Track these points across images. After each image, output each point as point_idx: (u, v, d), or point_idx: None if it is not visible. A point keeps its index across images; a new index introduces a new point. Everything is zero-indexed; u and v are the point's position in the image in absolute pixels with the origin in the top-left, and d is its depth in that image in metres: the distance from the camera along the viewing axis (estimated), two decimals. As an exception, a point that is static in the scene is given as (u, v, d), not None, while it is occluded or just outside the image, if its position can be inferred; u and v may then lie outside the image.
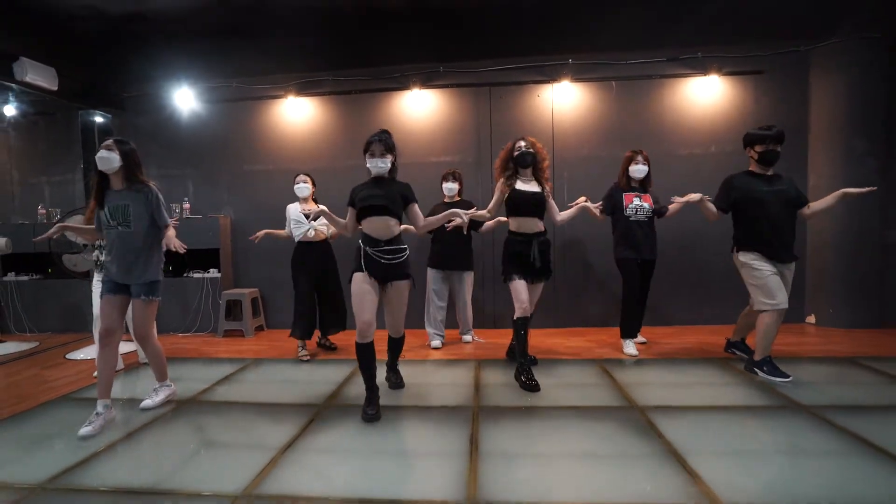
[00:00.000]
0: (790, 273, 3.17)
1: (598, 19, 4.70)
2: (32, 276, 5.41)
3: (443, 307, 4.25)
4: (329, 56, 4.99)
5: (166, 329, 4.96)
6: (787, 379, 3.05)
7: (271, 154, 5.23)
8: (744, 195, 3.17)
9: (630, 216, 3.71)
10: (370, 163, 2.76)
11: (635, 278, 3.75)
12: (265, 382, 3.46)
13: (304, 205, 4.02)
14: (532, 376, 3.10)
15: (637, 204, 3.72)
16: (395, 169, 2.84)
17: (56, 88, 4.63)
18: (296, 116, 5.16)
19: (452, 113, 4.99)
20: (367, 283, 2.70)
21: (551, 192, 3.38)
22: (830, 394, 2.87)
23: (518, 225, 3.28)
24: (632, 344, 3.85)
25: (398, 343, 3.09)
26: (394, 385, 3.17)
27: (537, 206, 3.25)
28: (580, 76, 4.82)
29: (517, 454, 2.24)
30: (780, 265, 3.13)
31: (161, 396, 2.99)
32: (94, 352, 4.20)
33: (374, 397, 2.75)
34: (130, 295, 2.79)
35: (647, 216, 3.74)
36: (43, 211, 5.44)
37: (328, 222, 2.95)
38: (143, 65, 5.16)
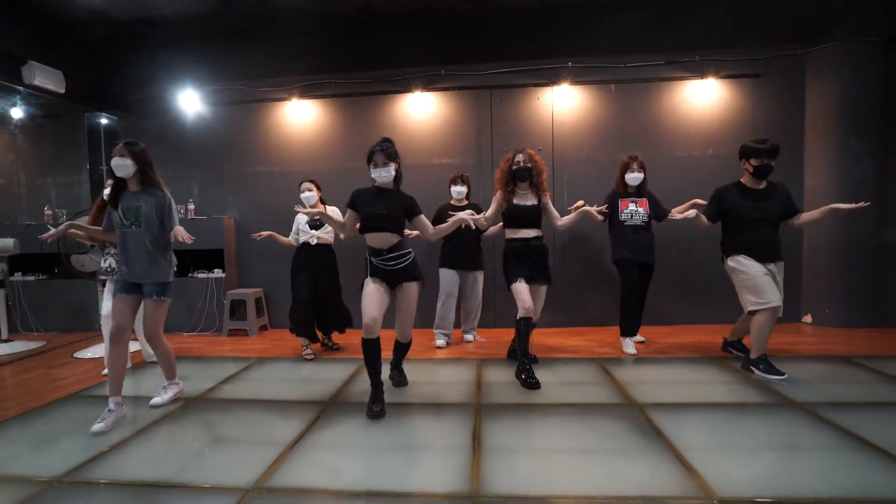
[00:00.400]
0: (780, 273, 3.25)
1: (597, 23, 4.78)
2: (39, 276, 5.47)
3: (453, 307, 4.30)
4: (332, 59, 5.06)
5: (171, 328, 5.03)
6: (783, 377, 3.12)
7: (275, 156, 5.29)
8: (730, 209, 3.28)
9: (625, 221, 3.79)
10: (374, 173, 2.78)
11: (634, 277, 3.81)
12: (270, 380, 3.53)
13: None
14: (532, 374, 3.17)
15: (632, 209, 3.79)
16: (400, 177, 2.87)
17: (63, 91, 4.71)
18: (299, 119, 5.22)
19: (454, 115, 5.06)
20: (377, 286, 2.79)
21: (551, 198, 3.46)
22: (824, 391, 2.94)
23: (514, 233, 3.41)
24: (631, 343, 3.92)
25: (405, 347, 3.14)
26: (397, 383, 3.24)
27: (533, 219, 3.37)
28: (579, 79, 4.89)
29: (519, 449, 2.31)
30: (769, 265, 3.22)
31: (170, 394, 3.06)
32: (102, 351, 4.27)
33: (379, 394, 2.82)
34: (142, 295, 2.86)
35: (643, 220, 3.80)
36: (49, 212, 5.50)
37: (327, 223, 3.02)
38: (149, 68, 5.23)
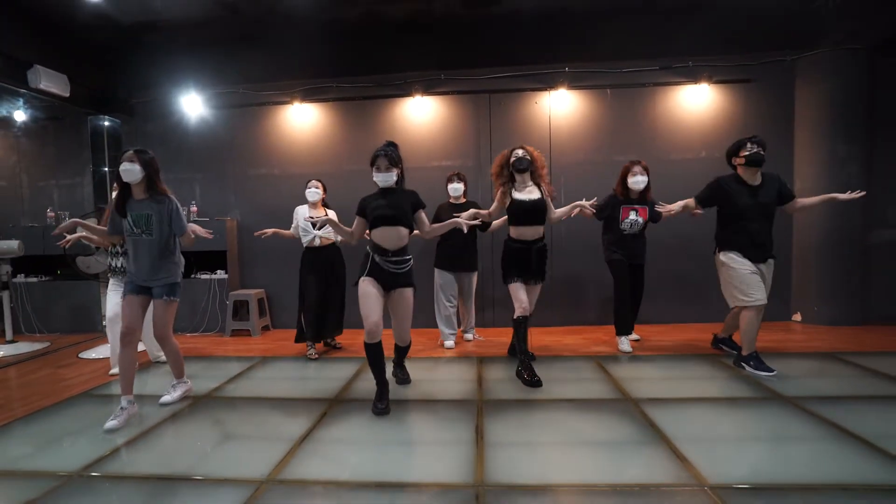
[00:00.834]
0: (769, 271, 3.37)
1: (594, 29, 4.90)
2: (42, 278, 5.52)
3: (453, 306, 4.36)
4: (334, 64, 5.15)
5: (175, 329, 5.06)
6: (772, 373, 3.24)
7: (277, 159, 5.37)
8: (727, 201, 3.33)
9: (625, 230, 3.86)
10: (376, 177, 2.88)
11: (626, 277, 3.93)
12: (275, 379, 3.62)
13: (313, 210, 4.15)
14: (534, 373, 3.27)
15: (633, 219, 3.84)
16: (402, 179, 2.98)
17: (68, 95, 4.76)
18: (301, 122, 5.31)
19: (453, 119, 5.16)
20: (373, 287, 2.85)
21: (551, 195, 3.49)
22: (812, 386, 3.07)
23: (519, 233, 3.41)
24: (626, 341, 4.03)
25: (405, 350, 3.24)
26: (400, 381, 3.34)
27: (538, 214, 3.37)
28: (576, 84, 5.01)
29: (520, 442, 2.42)
30: (760, 267, 3.32)
31: (179, 392, 3.14)
32: (107, 351, 4.33)
33: (384, 392, 2.91)
34: (151, 296, 2.94)
35: (640, 229, 3.91)
36: (52, 214, 5.56)
37: (333, 230, 3.11)
38: (153, 71, 5.30)
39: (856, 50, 4.56)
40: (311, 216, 4.05)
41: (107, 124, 5.49)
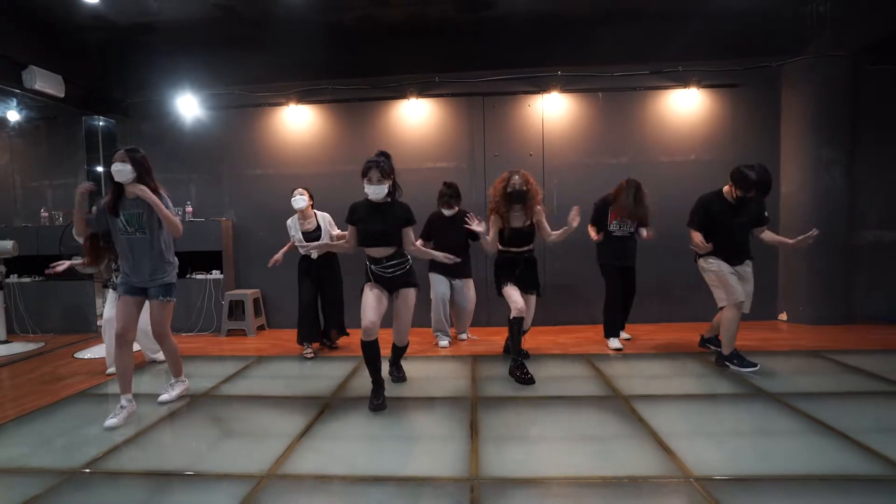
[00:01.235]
0: (748, 271, 3.51)
1: (586, 34, 5.00)
2: (35, 278, 5.51)
3: (447, 309, 4.40)
4: (329, 66, 5.20)
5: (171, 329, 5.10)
6: (755, 368, 3.34)
7: (272, 160, 5.41)
8: (712, 219, 3.45)
9: (613, 231, 4.04)
10: (367, 188, 2.82)
11: (617, 281, 4.09)
12: (271, 378, 3.66)
13: (303, 218, 4.17)
14: (527, 371, 3.34)
15: (619, 222, 4.02)
16: (396, 189, 2.92)
17: (63, 95, 4.77)
18: (296, 123, 5.35)
19: (447, 121, 5.22)
20: (377, 290, 2.95)
21: (543, 213, 3.49)
22: (795, 383, 3.17)
23: (508, 247, 3.54)
24: (616, 340, 4.13)
25: (401, 349, 3.31)
26: (396, 379, 3.39)
27: (525, 239, 3.51)
28: (569, 87, 5.09)
29: (513, 437, 2.49)
30: (737, 266, 3.47)
31: (177, 391, 3.18)
32: (102, 351, 4.35)
33: (380, 389, 2.97)
34: (146, 297, 2.94)
35: (629, 231, 4.05)
36: (46, 214, 5.55)
37: (333, 250, 3.23)
38: (148, 72, 5.32)
39: (840, 56, 4.69)
40: (305, 231, 4.14)
41: (101, 124, 5.51)
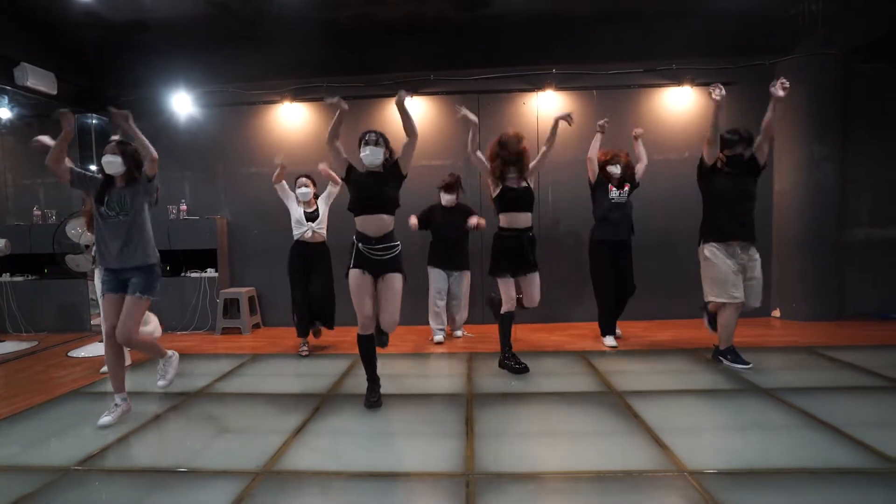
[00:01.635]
0: (754, 261, 3.39)
1: (581, 33, 5.02)
2: (28, 277, 5.47)
3: (443, 301, 4.47)
4: (324, 63, 5.18)
5: (165, 328, 5.06)
6: (748, 366, 3.36)
7: (267, 158, 5.35)
8: (714, 184, 3.41)
9: (613, 199, 4.05)
10: (364, 152, 2.84)
11: (606, 264, 4.08)
12: (267, 376, 3.66)
13: (308, 207, 4.14)
14: (519, 360, 3.35)
15: (615, 192, 4.09)
16: (392, 161, 2.93)
17: (55, 93, 4.73)
18: (291, 121, 5.33)
19: (443, 119, 5.22)
20: (364, 278, 2.85)
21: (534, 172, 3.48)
22: (788, 378, 3.19)
23: (509, 221, 3.41)
24: (611, 338, 4.16)
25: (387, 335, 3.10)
26: (382, 343, 3.09)
27: (528, 202, 3.40)
28: (563, 85, 5.10)
29: (509, 433, 2.50)
30: (742, 251, 3.35)
31: (171, 372, 3.11)
32: (96, 350, 4.35)
33: (376, 386, 2.96)
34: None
35: (625, 197, 4.09)
36: (38, 212, 5.51)
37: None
38: (142, 69, 5.29)
39: (832, 55, 4.72)
40: (308, 210, 4.10)
41: (94, 122, 5.47)
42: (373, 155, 2.86)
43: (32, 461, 2.33)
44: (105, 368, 3.75)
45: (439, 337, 4.43)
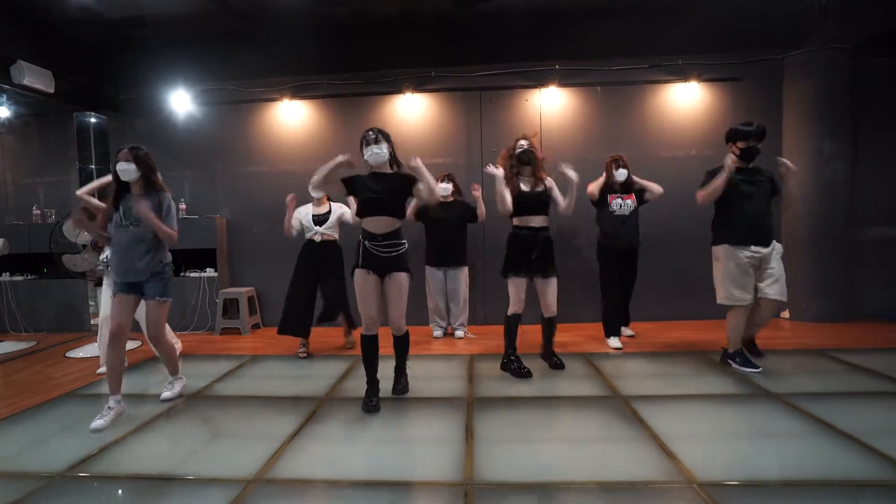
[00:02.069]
0: (775, 259, 3.25)
1: (584, 27, 4.92)
2: (27, 277, 5.44)
3: (442, 301, 4.50)
4: (324, 60, 5.11)
5: (164, 328, 5.04)
6: (757, 370, 3.27)
7: (267, 156, 5.33)
8: (726, 187, 3.26)
9: (614, 211, 4.02)
10: (367, 151, 2.79)
11: (613, 266, 4.05)
12: (265, 378, 3.60)
13: (318, 206, 4.08)
14: (522, 364, 3.28)
15: (619, 202, 4.03)
16: (396, 161, 2.90)
17: (53, 91, 4.69)
18: (291, 119, 5.26)
19: (444, 116, 5.14)
20: (369, 278, 2.81)
21: (554, 186, 3.39)
22: (799, 383, 3.09)
23: (523, 221, 3.32)
24: (616, 340, 4.08)
25: (402, 342, 3.02)
26: (398, 391, 3.06)
27: (542, 205, 3.31)
28: (567, 82, 5.01)
29: (510, 440, 2.42)
30: (762, 250, 3.21)
31: (177, 388, 3.13)
32: (95, 350, 4.30)
33: (375, 389, 2.89)
34: (142, 295, 2.87)
35: (631, 210, 4.03)
36: (37, 212, 5.47)
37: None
38: (140, 68, 5.23)
39: (841, 49, 4.61)
40: (316, 214, 4.04)
41: (93, 121, 5.42)
42: (376, 153, 2.80)
43: (20, 467, 2.28)
44: (102, 369, 3.70)
45: (438, 332, 4.51)
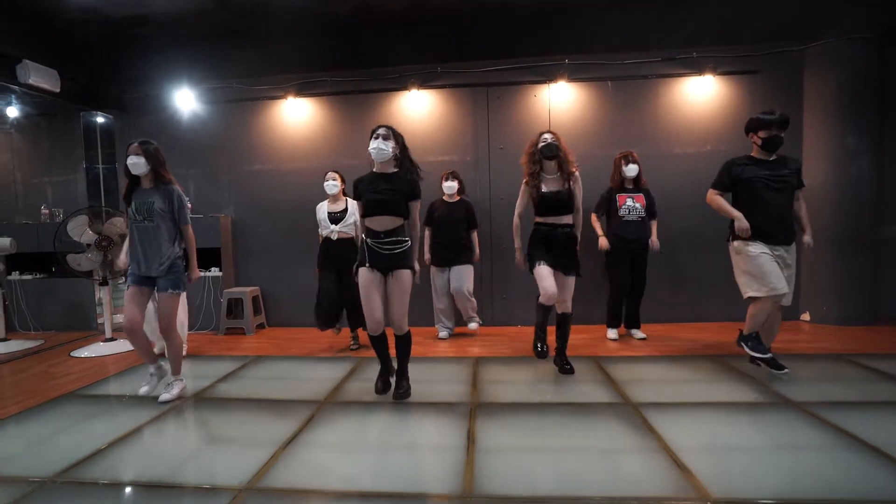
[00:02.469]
0: (791, 258, 3.09)
1: (594, 20, 4.76)
2: (37, 275, 5.46)
3: (447, 302, 4.46)
4: (328, 57, 5.04)
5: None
6: (767, 356, 3.08)
7: (271, 154, 5.28)
8: (740, 177, 3.09)
9: (623, 216, 3.99)
10: (372, 144, 2.78)
11: (624, 268, 4.09)
12: (267, 379, 3.53)
13: (333, 203, 4.09)
14: (546, 345, 3.24)
15: (630, 205, 4.00)
16: (402, 158, 2.87)
17: (58, 90, 4.68)
18: (295, 117, 5.20)
19: (450, 113, 5.04)
20: (372, 278, 2.80)
21: (580, 184, 3.25)
22: (820, 390, 2.93)
23: (544, 218, 3.25)
24: (613, 332, 4.23)
25: (404, 343, 2.94)
26: (399, 395, 2.94)
27: (563, 205, 3.20)
28: (576, 76, 4.86)
29: (513, 449, 2.31)
30: (780, 248, 3.05)
31: (176, 390, 3.10)
32: (100, 349, 4.38)
33: (386, 370, 3.02)
34: (154, 288, 2.96)
35: (640, 216, 4.00)
36: (46, 211, 5.49)
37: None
38: (144, 66, 5.21)
39: (867, 39, 4.39)
40: (332, 212, 4.05)
41: (100, 120, 5.43)
42: (380, 148, 2.80)
43: (10, 471, 2.23)
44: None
45: (444, 333, 4.46)
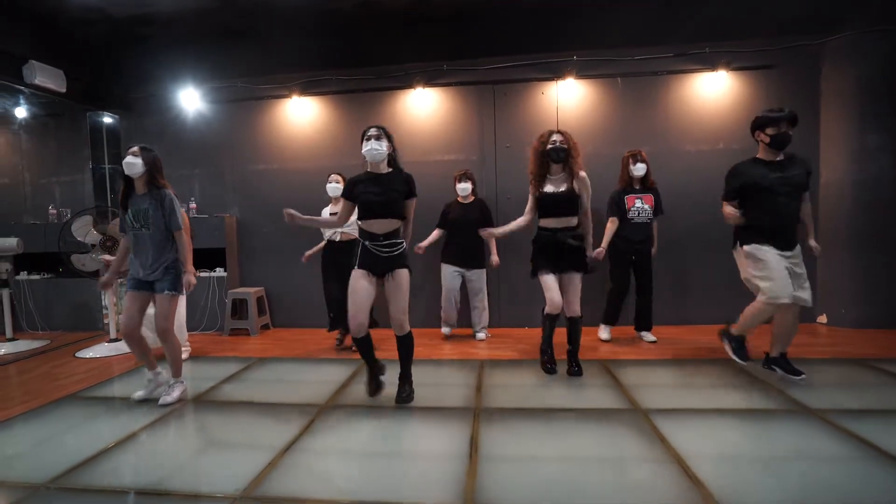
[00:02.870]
0: (799, 261, 2.97)
1: (603, 15, 4.65)
2: (44, 275, 5.49)
3: (456, 301, 4.39)
4: (333, 56, 5.00)
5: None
6: (743, 363, 3.13)
7: (276, 153, 5.25)
8: (747, 182, 2.97)
9: (632, 219, 3.92)
10: (366, 146, 2.76)
11: (625, 271, 4.04)
12: (269, 381, 3.49)
13: (336, 205, 4.05)
14: (554, 362, 3.34)
15: (639, 206, 3.93)
16: (396, 158, 2.86)
17: (64, 90, 4.69)
18: (300, 116, 5.17)
19: (457, 111, 4.96)
20: (365, 281, 2.76)
21: (587, 184, 3.18)
22: (838, 397, 2.82)
23: (547, 223, 3.23)
24: (606, 329, 4.19)
25: (406, 343, 2.88)
26: (402, 399, 2.88)
27: (568, 205, 3.15)
28: (585, 73, 4.76)
29: (517, 457, 2.23)
30: (787, 252, 2.93)
31: (177, 392, 3.07)
32: (105, 350, 4.37)
33: (375, 372, 2.96)
34: (153, 291, 2.97)
35: (648, 217, 3.95)
36: (54, 211, 5.52)
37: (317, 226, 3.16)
38: (149, 66, 5.21)
39: (887, 32, 4.23)
40: (335, 212, 4.01)
41: (106, 121, 5.43)
42: (374, 149, 2.78)
43: (4, 476, 2.20)
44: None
45: (446, 329, 4.46)
